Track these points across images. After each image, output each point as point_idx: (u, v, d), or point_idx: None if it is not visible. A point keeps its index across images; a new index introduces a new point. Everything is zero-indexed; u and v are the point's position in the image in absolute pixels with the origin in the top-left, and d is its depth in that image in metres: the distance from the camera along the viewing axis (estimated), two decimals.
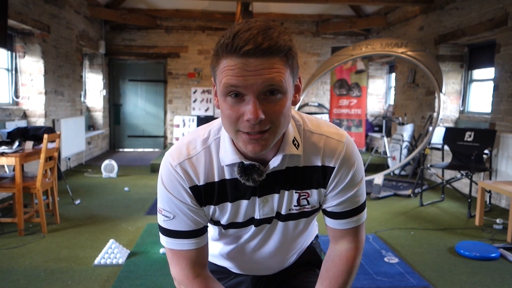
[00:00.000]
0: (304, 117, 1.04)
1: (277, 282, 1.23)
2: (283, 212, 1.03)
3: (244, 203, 1.00)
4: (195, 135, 1.01)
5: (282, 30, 0.84)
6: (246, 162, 0.94)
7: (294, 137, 0.98)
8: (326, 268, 1.11)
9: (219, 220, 1.04)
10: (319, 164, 1.00)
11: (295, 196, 1.01)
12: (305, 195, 1.02)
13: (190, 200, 0.98)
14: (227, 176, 0.98)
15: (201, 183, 0.98)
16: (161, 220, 1.02)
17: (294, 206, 1.03)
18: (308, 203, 1.03)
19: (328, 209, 1.07)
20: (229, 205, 1.00)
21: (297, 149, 0.97)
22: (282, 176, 0.99)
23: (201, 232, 1.02)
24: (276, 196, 1.01)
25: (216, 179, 0.98)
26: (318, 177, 1.01)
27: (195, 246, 1.01)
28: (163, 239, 1.03)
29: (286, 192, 1.01)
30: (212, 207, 1.01)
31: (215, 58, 0.86)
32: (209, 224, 1.10)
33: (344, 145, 1.00)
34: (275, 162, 0.95)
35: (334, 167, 1.00)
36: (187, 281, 1.02)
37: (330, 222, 1.09)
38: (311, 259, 1.29)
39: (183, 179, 0.97)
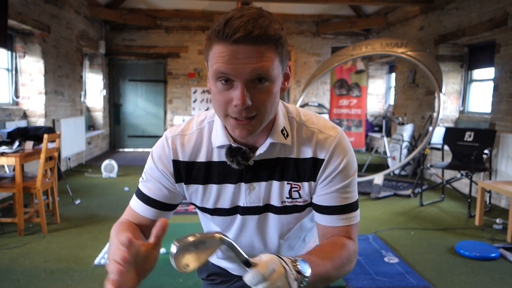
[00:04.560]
0: (299, 110, 1.05)
1: None
2: (276, 203, 1.03)
3: (230, 187, 1.01)
4: (196, 117, 1.07)
5: (273, 19, 0.85)
6: (234, 145, 0.97)
7: (284, 127, 0.99)
8: (319, 248, 0.99)
9: (204, 205, 1.05)
10: (310, 156, 1.01)
11: (287, 187, 1.02)
12: (297, 188, 1.02)
13: (167, 172, 1.03)
14: (215, 159, 1.01)
15: (184, 159, 1.02)
16: (139, 182, 1.09)
17: (286, 198, 1.03)
18: (300, 196, 1.03)
19: (317, 202, 1.03)
20: (214, 187, 1.02)
21: (286, 138, 0.99)
22: (271, 165, 1.00)
23: (161, 206, 1.04)
24: (263, 184, 1.01)
25: (203, 160, 1.01)
26: (309, 169, 1.01)
27: (148, 215, 1.04)
28: (132, 198, 1.09)
29: (277, 183, 1.01)
30: (194, 186, 1.03)
31: (208, 43, 0.88)
32: (201, 222, 1.11)
33: (335, 139, 1.01)
34: (262, 149, 0.97)
35: (323, 159, 1.00)
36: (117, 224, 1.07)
37: (319, 218, 1.03)
38: None
39: (170, 149, 1.02)
